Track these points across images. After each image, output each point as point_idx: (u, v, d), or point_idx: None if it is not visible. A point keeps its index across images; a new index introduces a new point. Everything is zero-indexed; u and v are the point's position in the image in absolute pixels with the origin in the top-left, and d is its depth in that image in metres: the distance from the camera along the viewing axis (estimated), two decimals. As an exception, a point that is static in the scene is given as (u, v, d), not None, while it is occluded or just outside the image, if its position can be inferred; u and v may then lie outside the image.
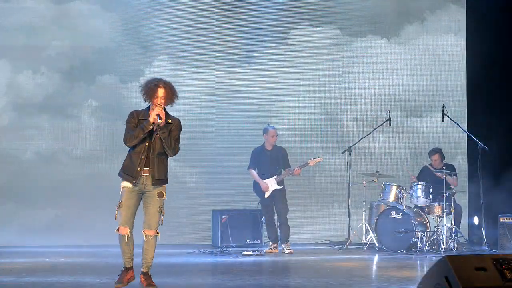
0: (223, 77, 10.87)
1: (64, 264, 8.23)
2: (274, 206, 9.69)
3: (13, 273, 7.31)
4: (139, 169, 6.11)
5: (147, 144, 6.13)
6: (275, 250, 9.52)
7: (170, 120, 6.21)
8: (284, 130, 10.88)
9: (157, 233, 6.24)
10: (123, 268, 6.34)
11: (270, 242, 9.68)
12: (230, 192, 10.80)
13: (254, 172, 9.74)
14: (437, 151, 10.20)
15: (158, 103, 6.09)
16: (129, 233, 6.17)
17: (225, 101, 10.87)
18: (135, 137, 6.10)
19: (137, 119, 6.19)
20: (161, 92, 6.10)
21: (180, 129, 6.29)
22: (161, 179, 6.19)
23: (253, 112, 10.90)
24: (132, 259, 6.30)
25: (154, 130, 6.10)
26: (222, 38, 10.88)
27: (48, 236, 10.11)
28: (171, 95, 6.16)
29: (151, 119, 6.06)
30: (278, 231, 9.76)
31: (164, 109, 6.17)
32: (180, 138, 6.34)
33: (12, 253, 9.29)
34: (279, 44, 11.01)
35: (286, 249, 9.53)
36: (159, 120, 6.06)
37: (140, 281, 6.30)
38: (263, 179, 9.66)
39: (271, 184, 9.63)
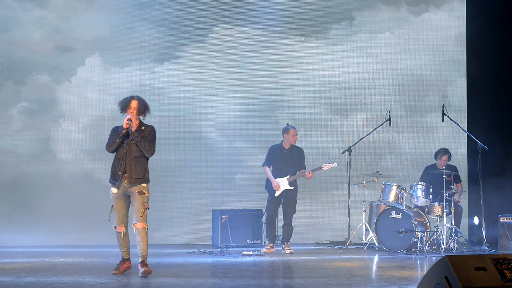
0: (145, 76, 10.81)
1: (64, 264, 8.23)
2: (281, 206, 9.65)
3: (13, 273, 7.31)
4: (119, 173, 7.13)
5: (125, 151, 7.15)
6: (272, 250, 9.49)
7: (143, 128, 7.22)
8: (209, 129, 10.91)
9: (145, 226, 7.08)
10: (121, 259, 7.24)
11: (267, 241, 9.63)
12: (230, 192, 10.82)
13: (268, 170, 9.64)
14: (447, 152, 10.16)
15: (130, 112, 7.15)
16: (124, 230, 7.17)
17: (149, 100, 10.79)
18: (113, 143, 7.19)
19: (117, 131, 7.24)
20: (134, 103, 7.20)
21: (154, 133, 7.28)
22: (138, 178, 7.13)
23: (175, 111, 10.81)
24: (129, 251, 7.25)
25: (129, 135, 7.12)
26: (145, 36, 10.81)
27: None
28: (143, 107, 7.23)
29: (124, 125, 7.12)
30: (280, 231, 9.75)
31: (139, 120, 7.22)
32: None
33: (12, 253, 9.30)
34: (200, 43, 10.93)
35: (287, 249, 9.52)
36: (129, 122, 7.07)
37: (138, 268, 7.10)
38: (275, 178, 9.61)
39: (283, 184, 9.55)
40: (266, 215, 9.68)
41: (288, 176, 9.57)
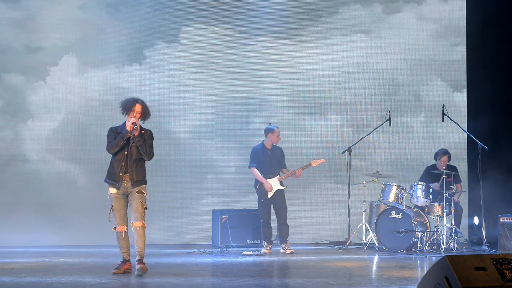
0: (119, 77, 10.79)
1: (64, 264, 8.23)
2: (272, 206, 9.64)
3: (13, 273, 7.31)
4: (120, 174, 7.20)
5: (125, 152, 7.23)
6: (270, 251, 9.46)
7: (143, 131, 7.30)
8: (181, 130, 10.89)
9: (144, 225, 7.19)
10: (122, 260, 7.30)
11: (265, 243, 9.60)
12: (230, 192, 10.81)
13: (257, 172, 9.57)
14: (446, 152, 10.13)
15: (134, 115, 7.19)
16: (125, 230, 7.22)
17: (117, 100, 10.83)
18: (116, 145, 7.21)
19: (115, 132, 7.30)
20: (138, 107, 7.25)
21: (152, 138, 7.37)
22: (139, 180, 7.25)
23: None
24: (129, 253, 7.30)
25: (130, 138, 7.18)
26: (119, 36, 10.78)
27: None
28: (146, 112, 7.31)
29: (128, 128, 7.17)
30: (277, 231, 9.74)
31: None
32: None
33: (12, 253, 9.30)
34: (171, 44, 10.92)
35: (287, 248, 9.51)
36: (135, 127, 7.14)
37: (136, 266, 7.18)
38: (265, 178, 9.57)
39: (275, 184, 9.56)
40: (263, 217, 9.60)
41: (278, 176, 9.57)
